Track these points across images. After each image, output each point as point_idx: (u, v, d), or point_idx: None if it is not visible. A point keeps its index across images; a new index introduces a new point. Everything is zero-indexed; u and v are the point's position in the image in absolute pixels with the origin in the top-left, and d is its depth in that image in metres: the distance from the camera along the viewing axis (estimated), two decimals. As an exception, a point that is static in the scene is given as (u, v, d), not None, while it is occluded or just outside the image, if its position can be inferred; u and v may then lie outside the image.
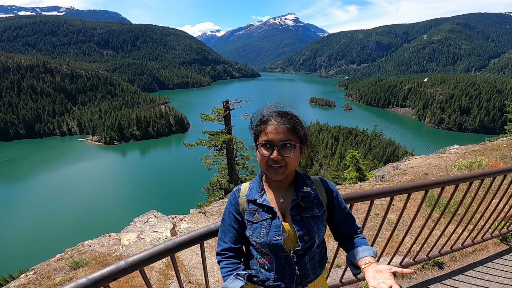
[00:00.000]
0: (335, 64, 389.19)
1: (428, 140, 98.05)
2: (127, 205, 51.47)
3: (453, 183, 2.37)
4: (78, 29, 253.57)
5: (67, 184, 63.66)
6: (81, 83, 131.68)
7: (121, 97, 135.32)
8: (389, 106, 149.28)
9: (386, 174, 8.92)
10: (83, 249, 4.16)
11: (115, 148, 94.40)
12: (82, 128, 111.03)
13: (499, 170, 2.67)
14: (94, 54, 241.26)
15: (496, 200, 3.01)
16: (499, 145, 10.09)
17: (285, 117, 1.24)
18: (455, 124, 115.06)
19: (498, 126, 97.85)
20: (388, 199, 2.24)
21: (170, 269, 3.40)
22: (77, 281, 1.21)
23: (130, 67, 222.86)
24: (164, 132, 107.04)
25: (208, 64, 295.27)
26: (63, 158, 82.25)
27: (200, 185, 20.32)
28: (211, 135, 17.72)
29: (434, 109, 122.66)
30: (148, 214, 4.73)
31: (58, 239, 38.79)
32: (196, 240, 1.55)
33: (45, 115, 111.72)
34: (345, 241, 1.45)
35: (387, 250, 2.71)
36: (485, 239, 3.27)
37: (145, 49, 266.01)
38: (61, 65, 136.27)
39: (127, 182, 65.50)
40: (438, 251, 2.97)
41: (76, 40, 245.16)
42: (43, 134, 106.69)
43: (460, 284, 2.80)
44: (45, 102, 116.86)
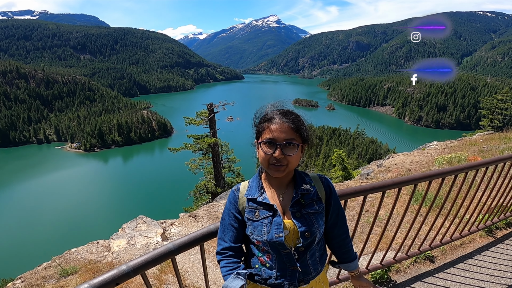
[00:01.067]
0: (317, 65, 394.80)
1: (408, 137, 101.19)
2: (112, 212, 50.26)
3: (440, 176, 2.49)
4: (53, 33, 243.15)
5: (48, 192, 61.41)
6: (57, 89, 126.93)
7: (101, 102, 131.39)
8: (370, 105, 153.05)
9: (371, 172, 9.11)
10: (70, 257, 4.05)
11: (96, 155, 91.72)
12: (60, 135, 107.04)
13: (482, 162, 2.81)
14: (71, 59, 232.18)
15: (479, 193, 3.14)
16: (476, 140, 10.54)
17: (289, 116, 1.25)
18: (433, 121, 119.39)
19: (473, 122, 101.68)
20: (377, 195, 2.29)
21: (164, 274, 3.34)
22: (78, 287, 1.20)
23: (110, 72, 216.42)
24: (147, 137, 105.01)
25: (191, 67, 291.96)
26: (42, 167, 79.23)
27: (187, 190, 20.08)
28: (196, 139, 17.54)
29: (413, 107, 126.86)
30: (137, 220, 4.62)
31: (42, 248, 37.59)
32: (196, 241, 1.55)
33: (20, 122, 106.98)
34: (331, 244, 1.53)
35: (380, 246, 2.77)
36: (472, 232, 3.39)
37: (125, 53, 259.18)
38: (35, 70, 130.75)
39: (111, 189, 63.84)
40: (429, 244, 3.05)
41: (51, 45, 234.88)
42: (19, 143, 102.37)
43: (452, 277, 2.88)
44: (19, 109, 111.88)
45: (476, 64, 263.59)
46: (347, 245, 1.52)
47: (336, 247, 1.52)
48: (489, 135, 11.66)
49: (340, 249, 1.52)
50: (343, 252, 1.53)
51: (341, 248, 1.52)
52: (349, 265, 1.55)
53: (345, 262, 1.55)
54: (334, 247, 1.53)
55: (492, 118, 30.87)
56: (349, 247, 1.53)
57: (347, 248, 1.53)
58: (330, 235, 1.49)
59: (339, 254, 1.55)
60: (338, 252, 1.54)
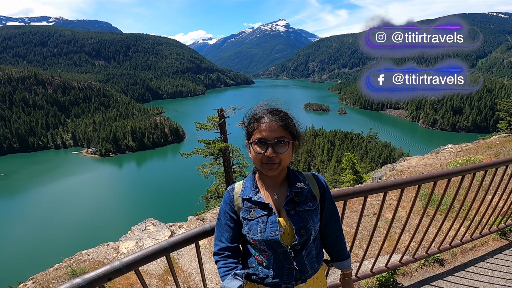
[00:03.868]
0: (327, 69, 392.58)
1: (422, 141, 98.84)
2: (124, 215, 51.01)
3: (445, 177, 2.41)
4: (69, 39, 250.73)
5: (63, 196, 62.93)
6: (73, 95, 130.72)
7: (115, 108, 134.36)
8: (383, 108, 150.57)
9: (382, 176, 8.97)
10: (81, 258, 4.15)
11: (111, 160, 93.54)
12: (77, 140, 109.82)
13: (490, 163, 2.70)
14: (86, 65, 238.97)
15: (490, 195, 3.05)
16: (492, 142, 10.23)
17: (277, 114, 1.27)
18: (449, 124, 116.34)
19: (490, 125, 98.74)
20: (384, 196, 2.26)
21: (169, 275, 3.38)
22: (71, 281, 1.21)
23: (123, 78, 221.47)
24: (159, 142, 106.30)
25: (202, 72, 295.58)
26: (59, 171, 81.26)
27: (198, 194, 20.22)
28: (207, 144, 17.66)
29: (427, 110, 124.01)
30: (145, 222, 4.70)
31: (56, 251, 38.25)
32: (190, 239, 1.55)
33: (38, 128, 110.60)
34: (325, 241, 1.54)
35: (385, 248, 2.73)
36: (484, 234, 3.29)
37: (137, 58, 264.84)
38: (52, 77, 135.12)
39: (124, 193, 64.92)
40: (437, 247, 2.98)
41: (66, 51, 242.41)
42: (37, 148, 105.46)
43: (462, 280, 2.80)
44: (38, 115, 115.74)
45: (492, 65, 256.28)
46: (340, 243, 1.54)
47: (330, 244, 1.54)
48: (506, 138, 11.31)
49: (334, 246, 1.54)
50: (337, 250, 1.55)
51: (335, 246, 1.54)
52: (342, 264, 1.57)
53: (338, 261, 1.57)
54: (328, 244, 1.55)
55: (510, 120, 29.80)
56: (342, 245, 1.55)
57: (340, 246, 1.55)
58: (324, 232, 1.51)
59: (332, 251, 1.57)
60: (332, 250, 1.56)
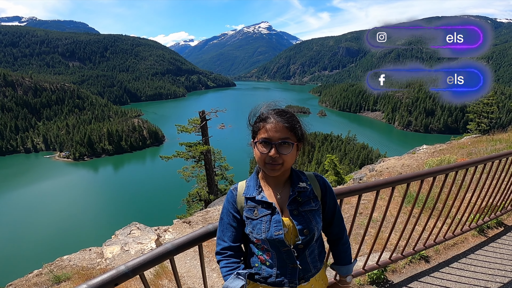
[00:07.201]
0: (308, 71, 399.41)
1: (398, 142, 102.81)
2: (104, 220, 49.59)
3: (431, 175, 2.58)
4: (41, 39, 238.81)
5: (37, 201, 60.28)
6: (45, 97, 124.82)
7: (90, 110, 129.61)
8: (361, 111, 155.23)
9: (363, 176, 9.20)
10: (62, 264, 3.97)
11: (85, 164, 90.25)
12: (48, 144, 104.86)
13: (471, 162, 2.93)
14: (59, 66, 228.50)
15: (470, 194, 3.22)
16: (464, 143, 10.77)
17: (284, 115, 1.28)
18: (422, 125, 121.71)
19: (461, 126, 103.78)
20: (370, 198, 2.34)
21: (160, 279, 3.30)
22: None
23: (99, 79, 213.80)
24: (138, 146, 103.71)
25: (182, 74, 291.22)
26: (30, 176, 77.70)
27: (179, 198, 19.88)
28: (188, 147, 17.46)
29: (402, 112, 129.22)
30: (130, 226, 4.56)
31: (33, 257, 36.65)
32: (195, 241, 1.54)
33: (7, 131, 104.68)
34: (328, 242, 1.54)
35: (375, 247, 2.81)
36: (465, 231, 3.46)
37: (115, 60, 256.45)
38: (23, 78, 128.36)
39: (103, 197, 63.00)
40: (423, 244, 3.11)
41: (39, 52, 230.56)
42: (6, 152, 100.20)
43: (448, 276, 2.92)
44: (6, 117, 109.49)
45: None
46: (344, 245, 1.53)
47: (332, 246, 1.54)
48: (476, 138, 11.94)
49: (336, 247, 1.53)
50: (340, 251, 1.53)
51: (337, 247, 1.53)
52: (340, 268, 1.55)
53: (339, 264, 1.55)
54: (330, 246, 1.55)
55: (479, 121, 31.57)
56: (345, 248, 1.53)
57: (342, 249, 1.53)
58: (326, 232, 1.51)
59: (335, 253, 1.56)
60: (334, 252, 1.55)
